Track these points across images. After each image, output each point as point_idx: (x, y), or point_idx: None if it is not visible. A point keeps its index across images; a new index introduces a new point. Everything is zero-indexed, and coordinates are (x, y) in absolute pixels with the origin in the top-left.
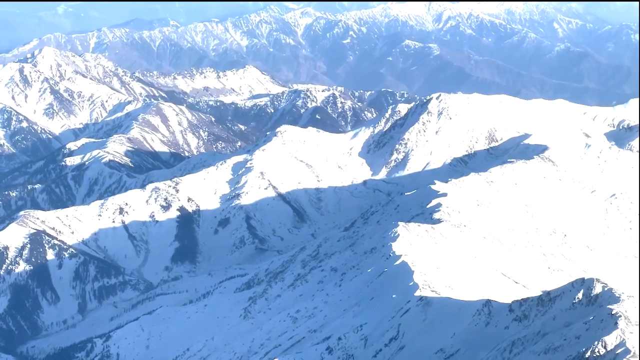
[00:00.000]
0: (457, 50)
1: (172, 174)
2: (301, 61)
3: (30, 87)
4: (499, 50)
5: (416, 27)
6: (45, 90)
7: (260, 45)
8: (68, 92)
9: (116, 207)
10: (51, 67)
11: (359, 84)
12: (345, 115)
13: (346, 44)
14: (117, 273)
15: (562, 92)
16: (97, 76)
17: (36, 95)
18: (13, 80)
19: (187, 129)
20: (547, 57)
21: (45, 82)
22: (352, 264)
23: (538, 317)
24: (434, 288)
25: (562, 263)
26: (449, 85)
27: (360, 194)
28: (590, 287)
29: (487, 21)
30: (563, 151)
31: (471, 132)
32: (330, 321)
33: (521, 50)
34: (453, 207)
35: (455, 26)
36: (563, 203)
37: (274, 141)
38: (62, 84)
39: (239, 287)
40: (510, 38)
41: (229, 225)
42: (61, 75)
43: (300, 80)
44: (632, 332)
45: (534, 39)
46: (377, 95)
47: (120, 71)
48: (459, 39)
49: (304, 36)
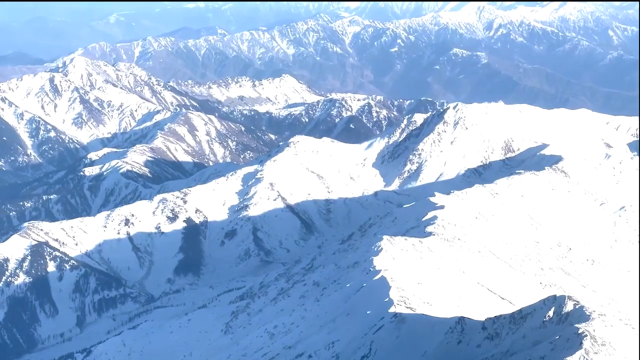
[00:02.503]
0: (507, 58)
1: (186, 184)
2: (348, 70)
3: (60, 97)
4: (550, 59)
5: (466, 35)
6: (75, 100)
7: (307, 53)
8: (98, 101)
9: (122, 219)
10: (82, 76)
11: (405, 93)
12: (381, 124)
13: (394, 53)
14: (118, 285)
15: (612, 101)
16: (128, 85)
17: (65, 105)
18: (43, 90)
19: (215, 138)
20: (598, 65)
21: (75, 92)
22: (334, 278)
23: (509, 335)
24: (411, 304)
25: (560, 278)
26: (495, 94)
27: (370, 206)
28: (561, 305)
29: (538, 29)
30: (578, 162)
31: (487, 143)
32: (306, 337)
33: (573, 58)
34: (449, 220)
35: (506, 34)
36: (570, 215)
37: (286, 152)
38: (92, 94)
39: (232, 300)
40: (562, 46)
41: (235, 236)
42: (92, 84)
43: (346, 89)
44: (597, 353)
45: (587, 47)
46: (417, 105)
47: (153, 80)
48: (510, 47)
49: (351, 44)
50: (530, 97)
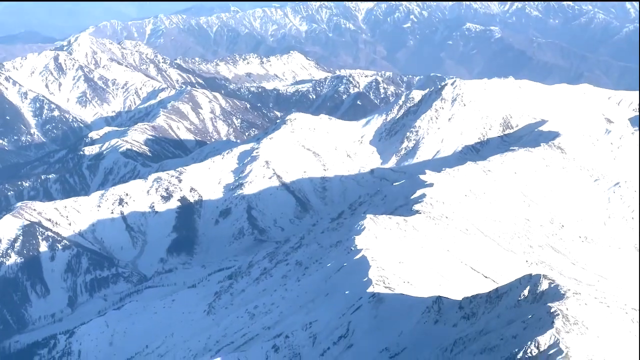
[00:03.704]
0: (521, 32)
1: (185, 163)
2: (361, 46)
3: (64, 76)
4: (566, 32)
5: (480, 9)
6: (80, 79)
7: (320, 30)
8: (102, 79)
9: (116, 198)
10: (86, 54)
11: (418, 69)
12: (388, 101)
13: (407, 28)
14: (111, 265)
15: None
16: (134, 63)
17: (70, 84)
18: (47, 69)
19: (219, 116)
20: (615, 39)
21: (80, 70)
22: (317, 258)
23: (485, 315)
24: (390, 284)
25: (549, 255)
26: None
27: (366, 183)
28: (536, 284)
29: (554, 2)
30: (575, 138)
31: (485, 119)
32: (285, 318)
33: (588, 31)
34: (437, 198)
35: (521, 8)
36: (564, 192)
37: (283, 129)
38: (97, 72)
39: (221, 280)
40: (578, 19)
41: (230, 215)
42: (96, 62)
43: (359, 66)
44: (569, 332)
45: (603, 20)
46: (426, 81)
47: (159, 58)
48: (525, 21)
49: (364, 21)
50: (544, 72)
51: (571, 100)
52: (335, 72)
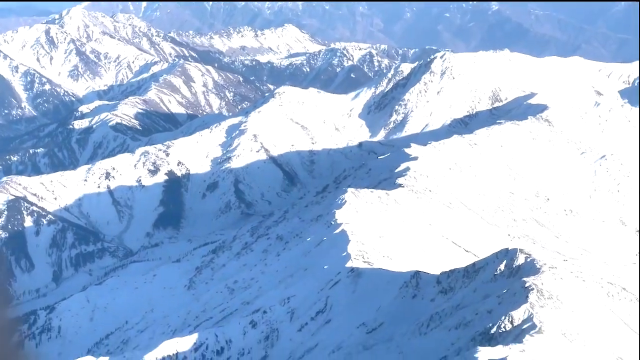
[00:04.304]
0: (519, 5)
1: (174, 137)
2: (358, 19)
3: (56, 49)
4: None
5: None
6: (71, 52)
7: (317, 2)
8: (94, 53)
9: (103, 172)
10: (78, 28)
11: (414, 42)
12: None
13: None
14: (96, 240)
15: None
16: (126, 37)
17: (62, 57)
18: (39, 42)
19: (212, 89)
20: (613, 11)
21: (72, 44)
22: (297, 232)
23: (462, 290)
24: (369, 258)
25: (533, 229)
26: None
27: (354, 157)
28: (513, 258)
29: None
30: (563, 111)
31: (474, 92)
32: (264, 293)
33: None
34: (421, 172)
35: None
36: (550, 165)
37: (271, 103)
38: (89, 45)
39: (205, 254)
40: None
41: (217, 189)
42: (88, 36)
43: (356, 39)
44: (543, 306)
45: None
46: (421, 53)
47: (152, 31)
48: None
49: None
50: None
51: (561, 73)
52: (330, 45)
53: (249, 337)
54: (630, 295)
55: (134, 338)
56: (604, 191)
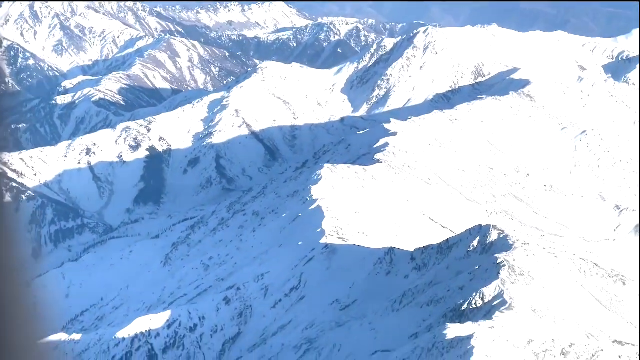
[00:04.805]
0: None
1: (157, 112)
2: None
3: (40, 24)
4: None
5: None
6: (55, 27)
7: None
8: (79, 28)
9: (83, 148)
10: (63, 2)
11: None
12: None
13: None
14: (76, 216)
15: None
16: (111, 11)
17: (46, 32)
18: (23, 17)
19: (197, 65)
20: None
21: (56, 18)
22: (273, 208)
23: (435, 266)
24: (344, 235)
25: (511, 205)
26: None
27: (336, 132)
28: (486, 235)
29: None
30: (545, 86)
31: (457, 67)
32: (239, 269)
33: None
34: (400, 147)
35: None
36: (531, 141)
37: (254, 78)
38: (73, 20)
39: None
40: None
41: (198, 165)
42: (73, 10)
43: (344, 13)
44: (514, 283)
45: None
46: (409, 28)
47: (138, 6)
48: None
49: None
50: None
51: (545, 48)
52: (317, 20)
53: (223, 314)
54: (602, 272)
55: (109, 315)
56: (584, 166)
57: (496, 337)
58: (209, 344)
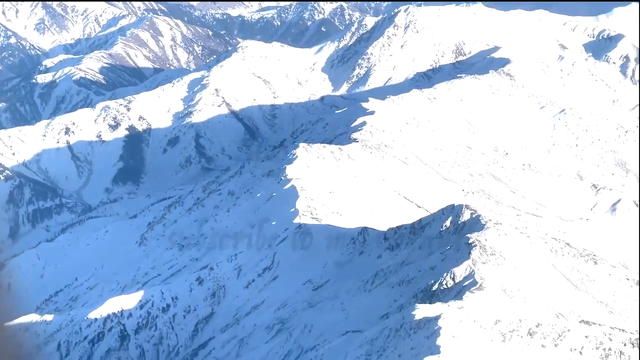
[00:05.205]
0: None
1: (137, 91)
2: None
3: (21, 2)
4: None
5: None
6: (37, 5)
7: None
8: (61, 6)
9: (62, 127)
10: None
11: None
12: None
13: None
14: (54, 196)
15: None
16: None
17: (27, 10)
18: None
19: (180, 43)
20: None
21: None
22: (248, 188)
23: (408, 246)
24: (318, 214)
25: (489, 184)
26: None
27: (316, 111)
28: (458, 214)
29: None
30: (526, 64)
31: (438, 46)
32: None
33: None
34: (377, 126)
35: None
36: (510, 120)
37: (234, 57)
38: None
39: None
40: None
41: (178, 144)
42: None
43: None
44: (485, 263)
45: None
46: (393, 6)
47: None
48: None
49: None
50: None
51: (526, 26)
52: None
53: (195, 294)
54: (573, 251)
55: (83, 295)
56: (563, 145)
57: (464, 318)
58: (181, 324)
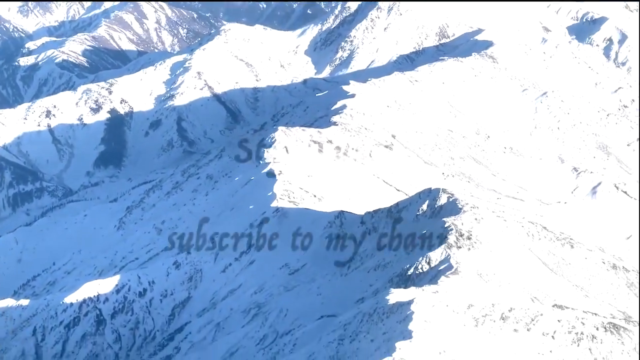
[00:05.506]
0: None
1: (120, 74)
2: None
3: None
4: None
5: None
6: None
7: None
8: None
9: (43, 110)
10: None
11: None
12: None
13: None
14: (35, 179)
15: None
16: None
17: None
18: None
19: (164, 26)
20: None
21: None
22: (226, 172)
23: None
24: (295, 198)
25: (469, 167)
26: None
27: (298, 93)
28: (435, 198)
29: None
30: (508, 47)
31: (421, 29)
32: None
33: None
34: (358, 109)
35: None
36: (492, 102)
37: (216, 40)
38: None
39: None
40: None
41: (160, 127)
42: None
43: None
44: (461, 247)
45: None
46: None
47: None
48: None
49: None
50: None
51: (509, 9)
52: None
53: (172, 278)
54: (550, 235)
55: (60, 280)
56: (544, 128)
57: (437, 303)
58: (158, 308)
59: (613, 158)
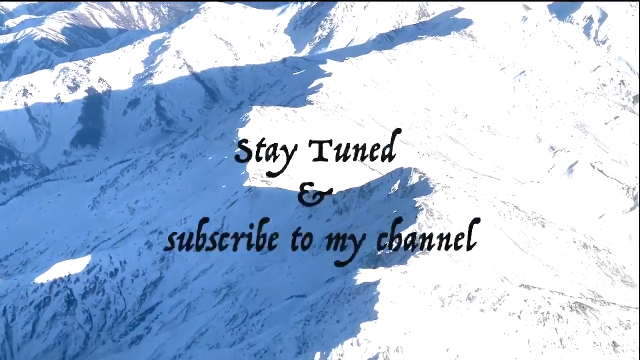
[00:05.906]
0: None
1: (98, 52)
2: None
3: None
4: None
5: None
6: None
7: None
8: None
9: (20, 89)
10: None
11: None
12: None
13: None
14: (11, 158)
15: None
16: None
17: None
18: None
19: (145, 4)
20: None
21: None
22: (200, 151)
23: (356, 209)
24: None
25: (446, 146)
26: None
27: (277, 72)
28: (407, 178)
29: None
30: (488, 25)
31: (401, 7)
32: (163, 213)
33: None
34: (334, 88)
35: None
36: (470, 81)
37: (195, 18)
38: None
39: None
40: None
41: (138, 106)
42: None
43: None
44: (432, 227)
45: None
46: None
47: None
48: None
49: None
50: None
51: None
52: None
53: (144, 259)
54: (522, 214)
55: (33, 259)
56: (522, 107)
57: (403, 283)
58: (129, 288)
59: (590, 137)
